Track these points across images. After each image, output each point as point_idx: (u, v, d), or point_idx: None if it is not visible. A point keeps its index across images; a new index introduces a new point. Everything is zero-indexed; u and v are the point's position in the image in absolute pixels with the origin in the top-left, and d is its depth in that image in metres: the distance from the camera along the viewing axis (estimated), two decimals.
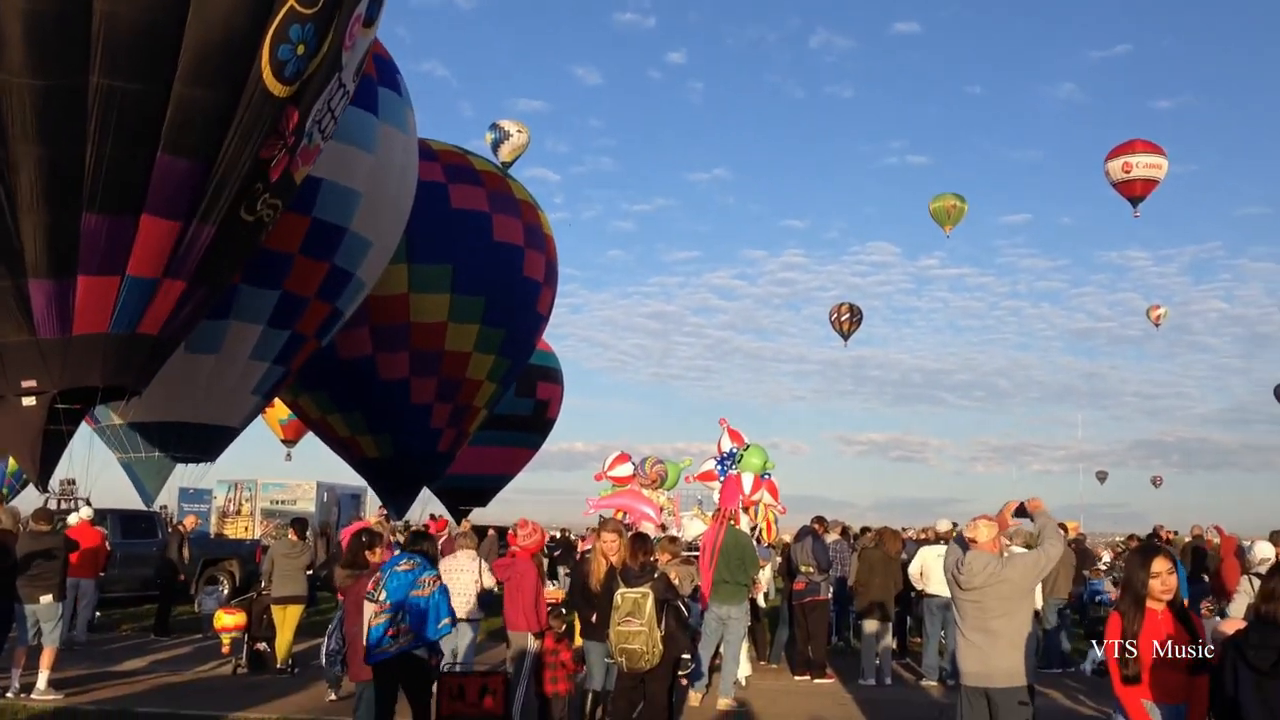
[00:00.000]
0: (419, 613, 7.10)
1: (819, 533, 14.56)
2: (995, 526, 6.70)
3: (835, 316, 37.70)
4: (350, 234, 12.90)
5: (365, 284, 13.33)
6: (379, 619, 7.04)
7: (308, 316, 13.63)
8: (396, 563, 7.32)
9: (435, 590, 7.21)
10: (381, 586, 7.16)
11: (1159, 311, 45.96)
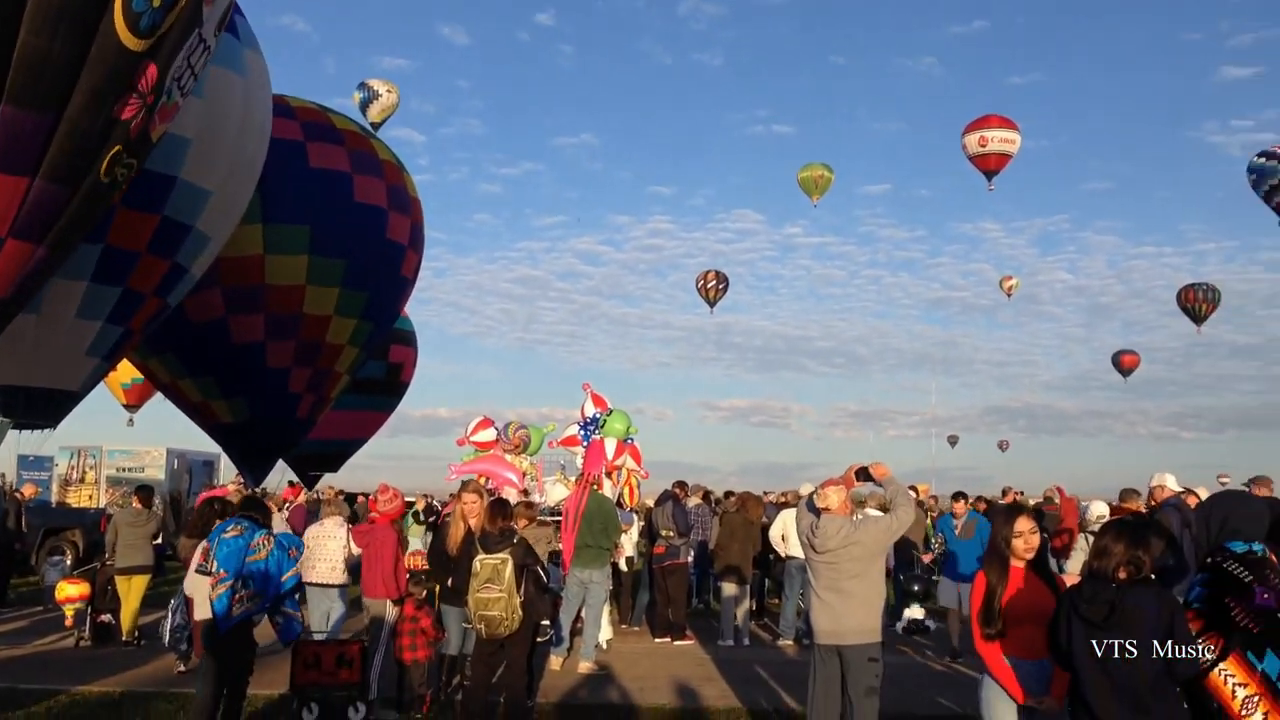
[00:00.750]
0: (260, 576, 6.90)
1: (680, 497, 14.71)
2: (844, 490, 6.88)
3: (702, 284, 38.03)
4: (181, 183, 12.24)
5: (210, 238, 12.71)
6: (219, 590, 6.81)
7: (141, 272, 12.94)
8: (224, 530, 7.08)
9: (272, 550, 7.01)
10: (212, 556, 6.91)
11: (1011, 282, 47.58)
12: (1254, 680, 4.36)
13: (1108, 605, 4.28)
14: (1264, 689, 4.34)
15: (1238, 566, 4.60)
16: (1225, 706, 4.36)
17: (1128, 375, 41.23)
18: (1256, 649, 4.39)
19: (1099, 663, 4.29)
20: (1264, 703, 4.33)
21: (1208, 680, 4.38)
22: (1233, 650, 4.39)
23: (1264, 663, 4.37)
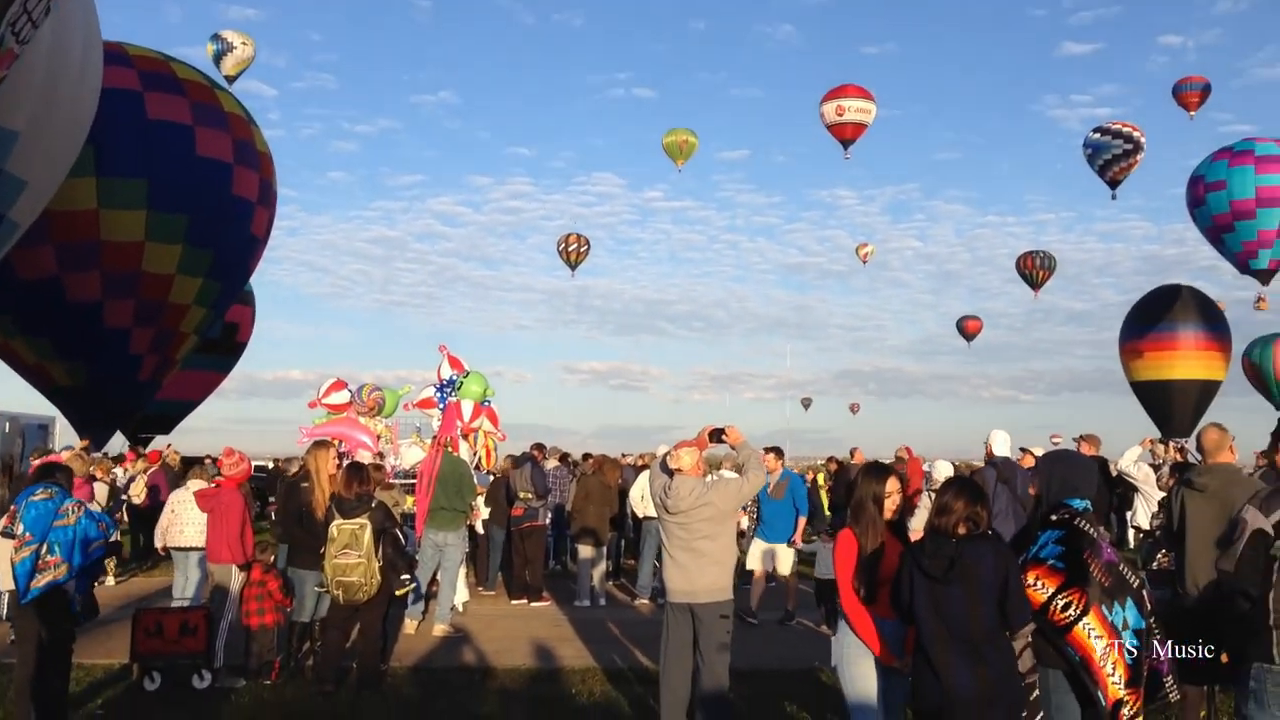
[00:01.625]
0: (67, 543, 6.55)
1: (538, 460, 14.69)
2: (697, 452, 6.95)
3: (564, 247, 37.83)
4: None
5: (27, 183, 11.90)
6: (23, 554, 6.43)
7: None
8: (32, 492, 6.73)
9: (81, 518, 6.67)
10: (19, 519, 6.55)
11: (867, 249, 48.68)
12: (1108, 631, 4.57)
13: (948, 560, 4.43)
14: (1113, 639, 4.57)
15: (1085, 523, 4.81)
16: (1088, 660, 4.56)
17: (971, 340, 42.71)
18: (1108, 602, 4.61)
19: (938, 615, 4.44)
20: (1114, 652, 4.55)
21: (1071, 635, 4.56)
22: (1093, 604, 4.59)
23: (1113, 614, 4.60)
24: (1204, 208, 19.12)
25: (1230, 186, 18.50)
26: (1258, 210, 18.35)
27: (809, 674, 8.91)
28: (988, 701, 4.40)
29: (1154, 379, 20.27)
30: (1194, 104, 30.11)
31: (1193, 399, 20.03)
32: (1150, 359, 20.31)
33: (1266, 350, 21.76)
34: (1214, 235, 19.23)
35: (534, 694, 8.27)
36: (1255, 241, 18.63)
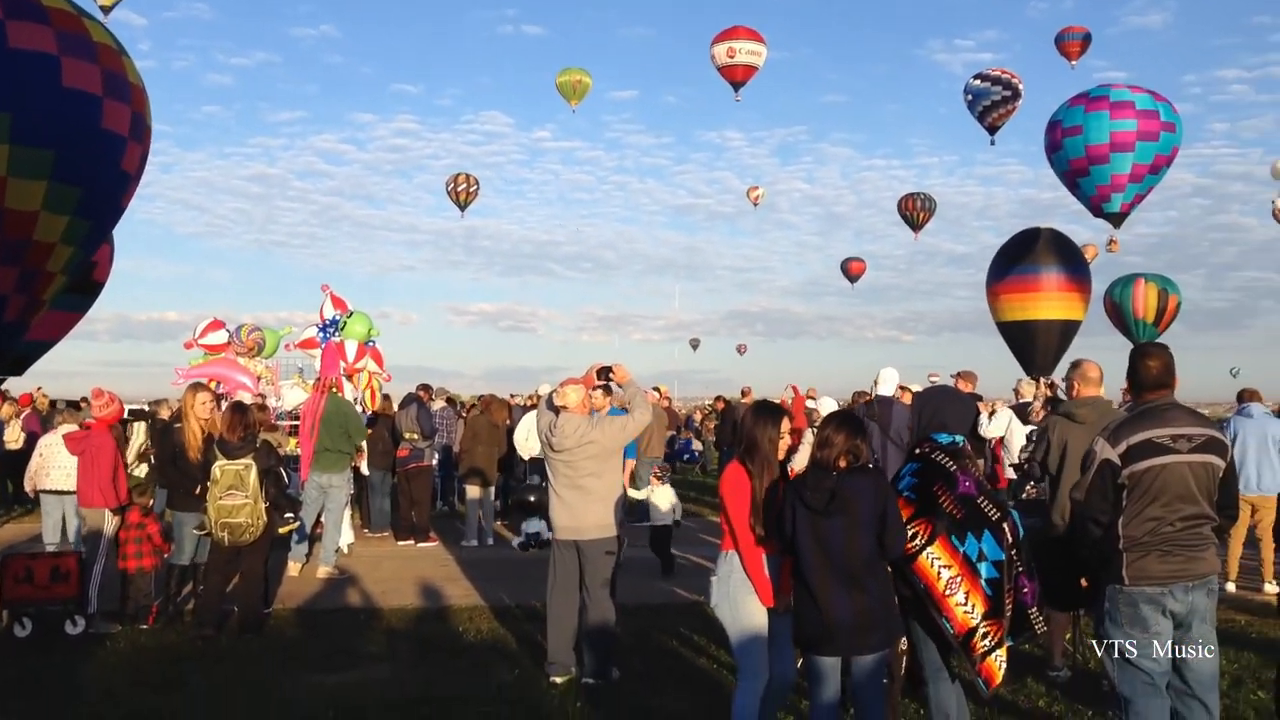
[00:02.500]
0: None
1: (424, 400, 14.55)
2: (583, 390, 6.97)
3: (453, 186, 37.17)
4: None
5: None
6: None
7: None
8: None
9: None
10: None
11: (757, 192, 48.92)
12: (957, 562, 4.74)
13: (829, 492, 4.53)
14: (965, 570, 4.74)
15: (943, 457, 4.96)
16: (930, 587, 4.73)
17: (855, 281, 43.47)
18: (959, 533, 4.77)
19: (819, 545, 4.55)
20: (965, 582, 4.73)
21: (916, 564, 4.72)
22: (939, 535, 4.75)
23: (965, 545, 4.76)
24: (1061, 152, 19.48)
25: (1086, 131, 18.87)
26: (1111, 155, 18.79)
27: (693, 608, 9.07)
28: (866, 628, 4.55)
29: (1017, 319, 20.86)
30: (1075, 53, 30.85)
31: (1054, 339, 20.67)
32: (1014, 300, 20.88)
33: (1126, 290, 22.63)
34: (1070, 179, 19.65)
35: (420, 633, 8.27)
36: (1108, 185, 19.10)
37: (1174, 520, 4.59)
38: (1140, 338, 23.06)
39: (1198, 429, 4.70)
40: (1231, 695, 6.42)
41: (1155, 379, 4.81)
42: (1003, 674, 4.76)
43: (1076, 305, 20.85)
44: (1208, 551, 4.68)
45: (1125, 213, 19.57)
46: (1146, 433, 4.65)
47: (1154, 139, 18.72)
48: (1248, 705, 6.16)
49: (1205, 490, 4.65)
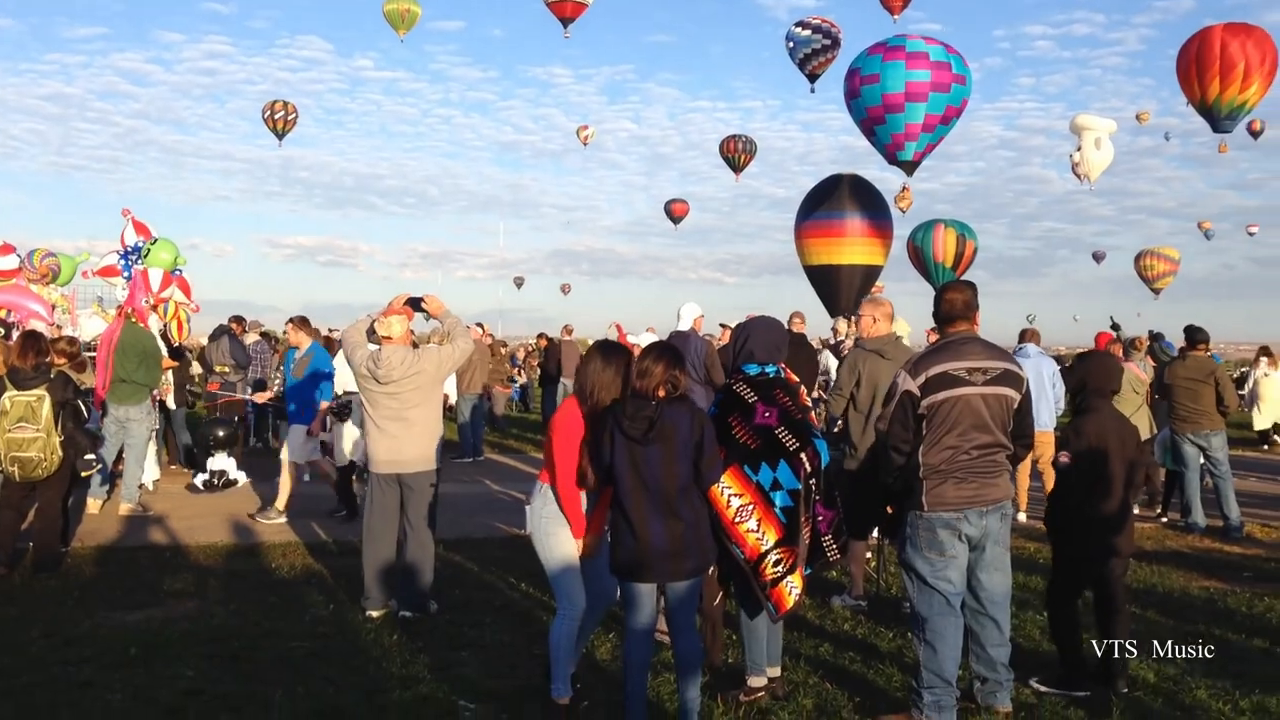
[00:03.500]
0: None
1: (237, 333, 14.04)
2: (405, 320, 6.83)
3: (270, 114, 35.51)
4: None
5: None
6: None
7: None
8: None
9: None
10: None
11: (588, 131, 48.54)
12: (749, 490, 4.92)
13: (648, 421, 4.58)
14: (758, 498, 4.91)
15: (745, 388, 5.10)
16: (720, 515, 4.89)
17: (679, 223, 43.83)
18: (753, 463, 4.93)
19: (636, 473, 4.60)
20: (758, 510, 4.90)
21: (709, 491, 4.86)
22: (731, 464, 4.89)
23: (759, 475, 4.93)
24: (859, 99, 19.90)
25: (884, 80, 19.32)
26: (906, 104, 19.32)
27: (514, 541, 9.10)
28: (681, 554, 4.64)
29: (822, 263, 21.48)
30: (898, 7, 31.53)
31: (857, 282, 21.39)
32: (818, 244, 21.47)
33: (928, 234, 23.61)
34: (867, 127, 20.13)
35: (230, 569, 8.03)
36: (902, 134, 19.67)
37: (969, 449, 4.83)
38: (938, 281, 24.17)
39: (994, 362, 4.93)
40: (1019, 616, 6.83)
41: (957, 313, 5.04)
42: (794, 599, 4.94)
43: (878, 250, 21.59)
44: (1001, 479, 4.95)
45: (917, 161, 20.23)
46: (944, 365, 4.87)
47: (945, 90, 19.36)
48: (1034, 625, 6.57)
49: (999, 420, 4.90)
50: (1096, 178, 26.62)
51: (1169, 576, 8.14)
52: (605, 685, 5.36)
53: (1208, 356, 10.55)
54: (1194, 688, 5.43)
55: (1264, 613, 7.02)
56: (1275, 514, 11.05)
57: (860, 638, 6.42)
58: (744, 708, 5.07)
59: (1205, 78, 18.86)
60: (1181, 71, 19.45)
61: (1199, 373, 10.23)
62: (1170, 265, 35.43)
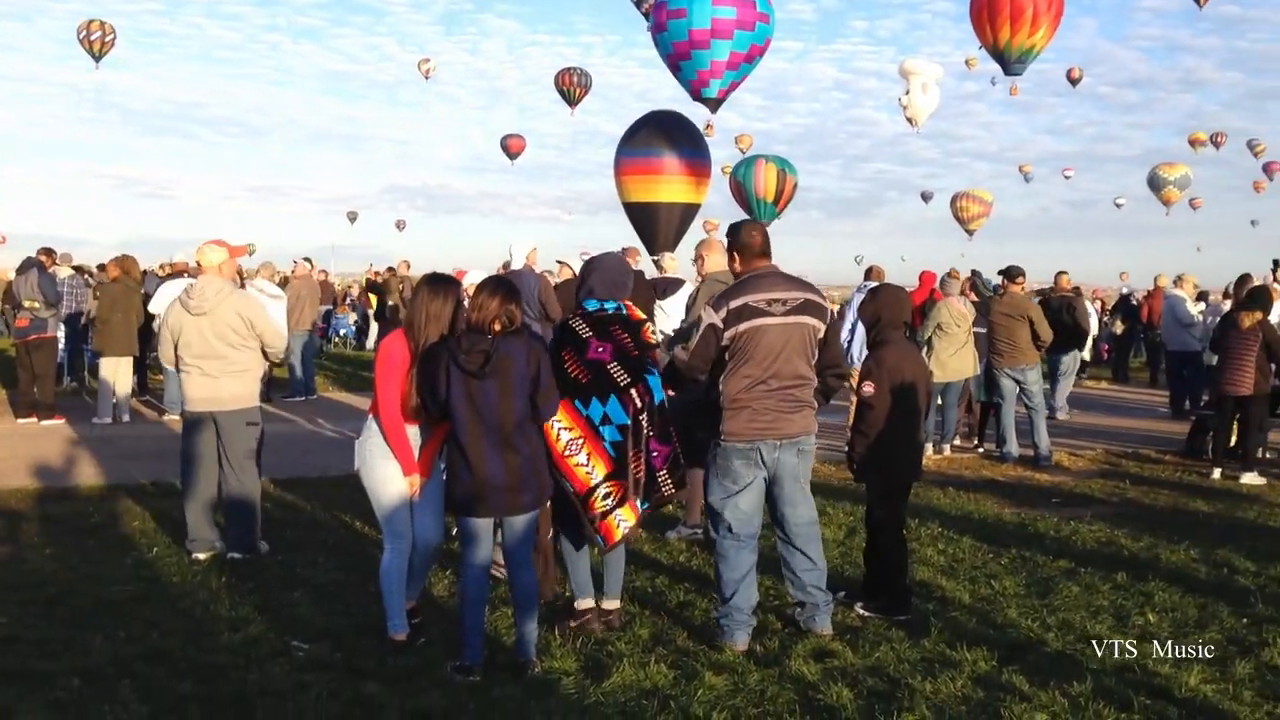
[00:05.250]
0: None
1: (46, 265, 13.27)
2: (225, 250, 6.57)
3: (85, 35, 33.34)
4: None
5: None
6: None
7: None
8: None
9: None
10: None
11: (429, 64, 47.29)
12: (579, 424, 4.95)
13: (484, 355, 4.53)
14: (588, 432, 4.95)
15: (581, 324, 5.12)
16: (550, 448, 4.91)
17: (515, 159, 43.31)
18: (583, 397, 4.96)
19: (473, 407, 4.56)
20: (587, 444, 4.94)
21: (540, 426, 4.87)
22: (564, 398, 4.92)
23: (589, 409, 4.96)
24: (665, 34, 19.57)
25: (690, 15, 19.01)
26: (712, 41, 19.15)
27: (347, 480, 8.92)
28: (517, 488, 4.63)
29: (640, 200, 21.51)
30: None
31: (676, 220, 21.50)
32: (636, 181, 21.47)
33: (749, 170, 23.96)
34: (673, 62, 19.87)
35: (45, 513, 7.65)
36: (708, 71, 19.51)
37: (767, 379, 4.96)
38: (761, 217, 24.55)
39: (794, 293, 5.04)
40: (847, 543, 7.11)
41: (759, 248, 5.17)
42: (623, 532, 4.99)
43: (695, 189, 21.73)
44: (800, 414, 5.07)
45: (722, 99, 20.21)
46: (745, 298, 5.00)
47: (750, 29, 19.35)
48: (860, 552, 6.81)
49: (801, 352, 5.02)
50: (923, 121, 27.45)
51: (984, 504, 8.56)
52: (443, 621, 5.34)
53: (1024, 294, 11.07)
54: (1005, 607, 5.74)
55: (1069, 536, 7.45)
56: (1083, 444, 11.71)
57: (695, 568, 6.55)
58: (581, 639, 5.13)
59: (996, 22, 19.31)
60: (975, 16, 19.86)
61: (1016, 309, 10.71)
62: (984, 207, 36.75)
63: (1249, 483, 9.47)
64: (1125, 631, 5.36)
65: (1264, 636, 5.25)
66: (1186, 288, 15.27)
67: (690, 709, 4.31)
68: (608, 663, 4.82)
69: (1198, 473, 10.04)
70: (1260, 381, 9.65)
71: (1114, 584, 6.19)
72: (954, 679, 4.65)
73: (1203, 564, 6.71)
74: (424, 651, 4.95)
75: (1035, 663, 4.90)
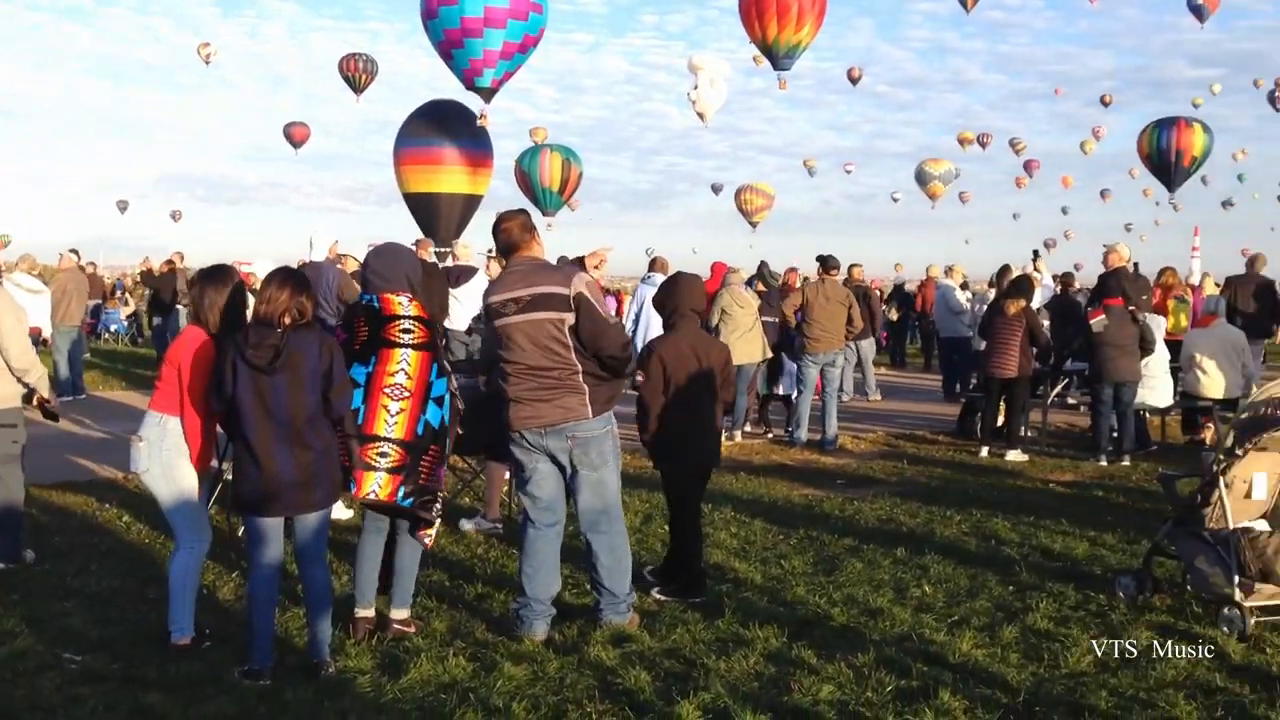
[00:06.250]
0: None
1: None
2: None
3: None
4: None
5: None
6: None
7: None
8: None
9: None
10: None
11: (209, 49, 45.12)
12: (421, 382, 4.87)
13: (273, 349, 4.38)
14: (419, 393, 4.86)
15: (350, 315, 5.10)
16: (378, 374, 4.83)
17: (299, 147, 41.86)
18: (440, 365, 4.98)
19: (262, 403, 4.40)
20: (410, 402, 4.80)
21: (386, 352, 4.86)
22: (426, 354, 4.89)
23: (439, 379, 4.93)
24: (436, 21, 19.10)
25: (463, 3, 18.65)
26: (485, 30, 18.90)
27: (122, 483, 8.48)
28: (309, 485, 4.50)
29: (421, 191, 21.23)
30: None
31: (457, 210, 21.30)
32: (417, 171, 21.19)
33: (534, 159, 23.97)
34: (445, 50, 19.43)
35: None
36: (481, 60, 19.20)
37: (520, 373, 5.00)
38: (547, 206, 24.62)
39: (527, 289, 4.94)
40: (643, 530, 7.21)
41: (514, 240, 5.13)
42: (371, 495, 4.73)
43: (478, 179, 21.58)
44: (561, 400, 4.98)
45: (495, 89, 20.05)
46: (490, 298, 5.10)
47: (523, 18, 19.26)
48: (656, 538, 6.94)
49: (545, 344, 4.94)
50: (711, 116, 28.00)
51: (774, 487, 8.85)
52: (230, 624, 5.14)
53: (838, 282, 11.53)
54: (794, 585, 5.94)
55: (853, 515, 7.79)
56: (865, 427, 12.25)
57: (494, 560, 6.52)
58: (376, 636, 5.03)
59: (764, 19, 19.86)
60: (744, 13, 20.36)
61: (834, 297, 11.10)
62: (767, 200, 37.80)
63: (1013, 459, 10.13)
64: (904, 603, 5.64)
65: (1028, 602, 5.63)
66: (956, 277, 16.21)
67: (490, 700, 4.29)
68: (405, 659, 4.75)
69: (968, 451, 10.65)
70: (1024, 365, 10.31)
71: (894, 558, 6.52)
72: (746, 656, 4.79)
73: (973, 537, 7.14)
74: (209, 657, 4.75)
75: (822, 637, 5.10)
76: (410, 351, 4.86)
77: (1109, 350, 9.92)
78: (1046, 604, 5.58)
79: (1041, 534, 7.14)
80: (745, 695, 4.37)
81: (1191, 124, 25.49)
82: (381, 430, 4.77)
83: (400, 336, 4.87)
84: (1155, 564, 5.86)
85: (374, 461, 4.74)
